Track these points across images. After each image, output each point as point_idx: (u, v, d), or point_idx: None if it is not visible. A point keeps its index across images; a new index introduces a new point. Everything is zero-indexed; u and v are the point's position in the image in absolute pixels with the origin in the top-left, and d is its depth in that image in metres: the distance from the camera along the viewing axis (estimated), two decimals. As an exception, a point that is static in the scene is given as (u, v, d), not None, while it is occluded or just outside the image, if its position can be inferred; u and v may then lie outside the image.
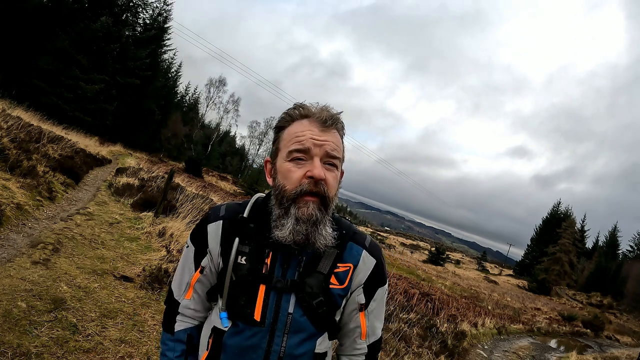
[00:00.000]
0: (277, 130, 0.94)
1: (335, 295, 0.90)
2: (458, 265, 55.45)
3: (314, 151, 0.85)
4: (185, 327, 0.98)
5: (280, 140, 0.91)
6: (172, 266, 4.47)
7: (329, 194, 0.86)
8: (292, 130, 0.89)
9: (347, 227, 0.96)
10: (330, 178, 0.87)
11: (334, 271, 0.90)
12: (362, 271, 0.94)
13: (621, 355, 12.43)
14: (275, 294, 0.87)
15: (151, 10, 31.52)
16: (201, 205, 8.67)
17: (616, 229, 52.82)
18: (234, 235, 0.91)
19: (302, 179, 0.85)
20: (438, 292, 13.90)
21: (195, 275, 0.96)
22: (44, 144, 9.33)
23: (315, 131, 0.87)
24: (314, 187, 0.84)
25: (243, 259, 0.89)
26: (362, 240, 0.97)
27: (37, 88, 21.65)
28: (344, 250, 0.93)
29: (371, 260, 0.95)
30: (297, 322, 0.87)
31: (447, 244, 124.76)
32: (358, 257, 0.94)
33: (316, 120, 0.88)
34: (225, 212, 0.96)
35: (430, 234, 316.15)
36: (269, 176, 0.95)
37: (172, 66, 39.62)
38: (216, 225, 0.94)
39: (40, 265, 3.42)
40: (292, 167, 0.86)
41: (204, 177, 30.25)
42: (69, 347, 2.38)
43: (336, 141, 0.89)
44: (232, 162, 58.80)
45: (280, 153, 0.90)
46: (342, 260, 0.92)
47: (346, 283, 0.91)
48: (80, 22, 23.13)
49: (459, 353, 6.71)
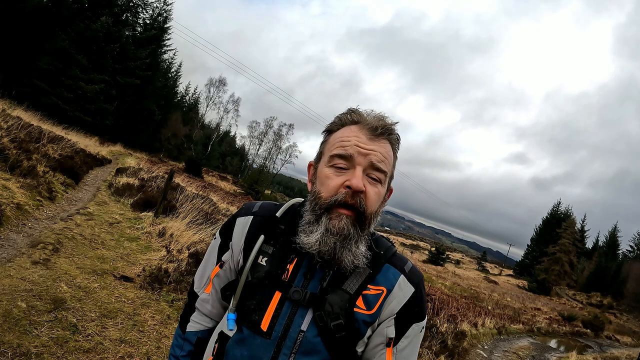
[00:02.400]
0: (325, 134, 0.88)
1: (360, 321, 0.79)
2: (458, 265, 55.42)
3: (357, 160, 0.78)
4: (197, 329, 0.94)
5: (326, 143, 0.86)
6: (172, 266, 4.48)
7: (367, 209, 0.78)
8: (339, 134, 0.83)
9: (386, 248, 0.87)
10: (372, 192, 0.79)
11: (362, 292, 0.80)
12: (397, 299, 0.82)
13: (621, 355, 12.43)
14: (290, 306, 0.79)
15: (151, 10, 31.53)
16: (201, 205, 8.67)
17: (616, 229, 52.85)
18: (260, 233, 0.86)
19: (340, 188, 0.78)
20: (438, 292, 13.90)
21: (215, 269, 0.91)
22: (44, 144, 9.33)
23: (363, 139, 0.79)
24: (350, 199, 0.77)
25: (264, 260, 0.83)
26: (402, 264, 0.86)
27: (37, 88, 21.66)
28: (378, 271, 0.83)
29: (409, 287, 0.83)
30: (309, 342, 0.77)
31: (447, 244, 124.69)
32: (394, 281, 0.83)
33: (366, 127, 0.80)
34: (259, 209, 0.91)
35: (430, 234, 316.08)
36: (309, 181, 0.88)
37: (172, 66, 39.67)
38: (245, 220, 0.89)
39: (40, 265, 3.42)
40: (332, 173, 0.80)
41: (204, 177, 30.26)
42: (69, 347, 2.38)
43: (385, 153, 0.81)
44: (232, 162, 58.82)
45: (323, 157, 0.84)
46: (375, 283, 0.82)
47: (375, 309, 0.80)
48: (80, 22, 23.13)
49: (459, 353, 6.71)
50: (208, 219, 7.65)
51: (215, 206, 10.57)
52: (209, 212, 8.66)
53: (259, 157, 55.23)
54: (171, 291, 3.92)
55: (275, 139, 54.16)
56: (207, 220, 7.49)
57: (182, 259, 4.82)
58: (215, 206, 10.57)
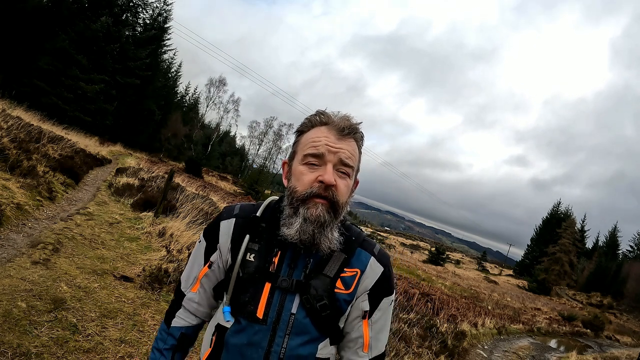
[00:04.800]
0: (297, 134, 0.96)
1: (341, 300, 0.90)
2: (458, 265, 55.40)
3: (328, 157, 0.87)
4: (182, 325, 0.99)
5: (298, 143, 0.94)
6: (172, 266, 4.48)
7: (338, 199, 0.88)
8: (310, 135, 0.91)
9: (356, 234, 0.98)
10: (342, 185, 0.89)
11: (340, 275, 0.90)
12: (369, 277, 0.93)
13: (621, 355, 12.43)
14: (280, 293, 0.88)
15: (151, 10, 31.55)
16: (201, 205, 8.67)
17: (616, 229, 52.86)
18: (245, 232, 0.93)
19: (313, 183, 0.87)
20: (438, 292, 13.90)
21: (204, 269, 0.97)
22: (44, 144, 9.33)
23: (332, 138, 0.89)
24: (324, 192, 0.86)
25: (252, 256, 0.91)
26: (371, 248, 0.97)
27: (37, 88, 21.65)
28: (352, 255, 0.93)
29: (379, 267, 0.95)
30: (299, 323, 0.87)
31: (447, 244, 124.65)
32: (366, 263, 0.94)
33: (334, 127, 0.89)
34: (240, 211, 0.98)
35: (430, 234, 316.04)
36: (285, 177, 0.97)
37: (172, 66, 39.67)
38: (229, 223, 0.96)
39: (40, 265, 3.42)
40: (305, 170, 0.89)
41: (204, 177, 30.26)
42: (69, 347, 2.38)
43: (351, 150, 0.90)
44: (232, 162, 58.81)
45: (296, 156, 0.93)
46: (350, 265, 0.92)
47: (352, 288, 0.91)
48: (80, 22, 23.13)
49: (459, 353, 6.71)
50: (208, 219, 7.65)
51: (215, 206, 10.57)
52: (209, 212, 8.66)
53: (259, 157, 55.32)
54: (171, 291, 3.92)
55: (275, 139, 54.24)
56: (207, 220, 7.49)
57: (182, 259, 4.82)
58: (215, 206, 10.57)
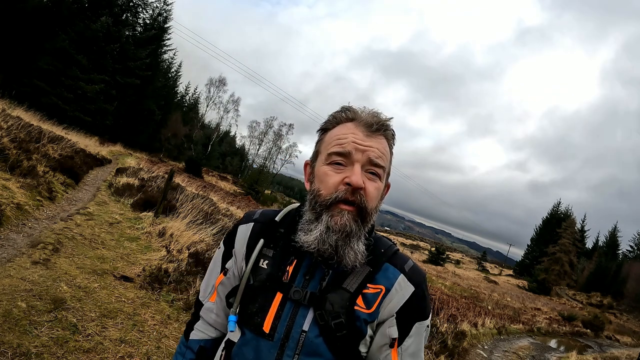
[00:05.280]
0: (320, 132, 0.88)
1: (361, 320, 0.78)
2: (458, 265, 55.39)
3: (355, 156, 0.78)
4: (200, 337, 0.93)
5: (322, 142, 0.85)
6: (172, 266, 4.48)
7: (367, 205, 0.78)
8: (335, 132, 0.83)
9: (386, 247, 0.86)
10: (371, 188, 0.79)
11: (362, 291, 0.79)
12: (395, 298, 0.80)
13: (621, 355, 12.43)
14: (292, 306, 0.78)
15: (151, 10, 31.52)
16: (201, 205, 8.68)
17: (616, 229, 52.85)
18: (260, 237, 0.87)
19: (339, 185, 0.77)
20: (438, 292, 13.91)
21: (220, 277, 0.91)
22: (44, 144, 9.33)
23: (360, 135, 0.80)
24: (351, 196, 0.77)
25: (265, 263, 0.83)
26: (402, 263, 0.85)
27: (37, 88, 21.65)
28: (378, 270, 0.82)
29: (409, 286, 0.81)
30: (311, 342, 0.76)
31: (447, 244, 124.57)
32: (393, 280, 0.81)
33: (362, 124, 0.81)
34: (259, 216, 0.92)
35: (430, 234, 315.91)
36: (307, 180, 0.89)
37: (172, 66, 39.66)
38: (246, 227, 0.91)
39: (40, 265, 3.42)
40: (330, 171, 0.79)
41: (204, 177, 30.27)
42: (69, 347, 2.38)
43: (382, 148, 0.81)
44: (232, 162, 58.83)
45: (320, 156, 0.85)
46: (374, 281, 0.81)
47: (374, 308, 0.79)
48: (80, 22, 23.11)
49: (459, 353, 6.71)
50: (208, 219, 7.65)
51: (215, 206, 10.57)
52: (209, 212, 8.66)
53: (259, 157, 55.27)
54: (171, 291, 3.92)
55: (275, 139, 54.21)
56: (207, 220, 7.49)
57: (182, 259, 4.82)
58: (215, 206, 10.57)
